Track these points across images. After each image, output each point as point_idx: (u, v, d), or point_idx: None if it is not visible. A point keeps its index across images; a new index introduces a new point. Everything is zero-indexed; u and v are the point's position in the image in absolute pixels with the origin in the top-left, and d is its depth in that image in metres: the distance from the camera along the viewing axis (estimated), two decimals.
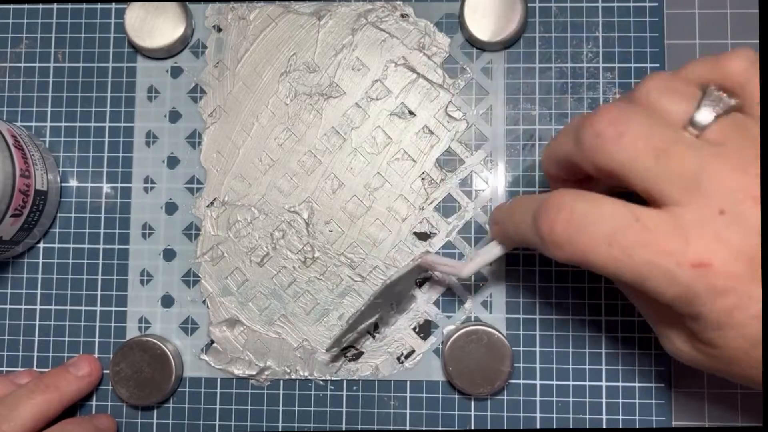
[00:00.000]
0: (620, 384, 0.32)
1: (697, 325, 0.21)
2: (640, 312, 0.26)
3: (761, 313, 0.20)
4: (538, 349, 0.33)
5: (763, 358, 0.19)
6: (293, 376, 0.33)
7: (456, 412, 0.33)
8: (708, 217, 0.20)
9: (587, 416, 0.32)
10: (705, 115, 0.21)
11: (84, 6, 0.35)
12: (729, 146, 0.20)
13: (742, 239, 0.20)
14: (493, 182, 0.34)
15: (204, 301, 0.34)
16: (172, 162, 0.35)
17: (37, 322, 0.34)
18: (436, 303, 0.33)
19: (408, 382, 0.33)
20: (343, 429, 0.33)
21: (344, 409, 0.33)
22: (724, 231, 0.20)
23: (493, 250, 0.28)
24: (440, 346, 0.33)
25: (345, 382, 0.33)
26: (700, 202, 0.20)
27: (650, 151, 0.20)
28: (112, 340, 0.34)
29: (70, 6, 0.35)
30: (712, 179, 0.20)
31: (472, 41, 0.34)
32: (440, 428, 0.33)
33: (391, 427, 0.33)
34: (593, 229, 0.21)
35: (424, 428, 0.33)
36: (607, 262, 0.21)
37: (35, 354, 0.34)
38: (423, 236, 0.34)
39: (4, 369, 0.34)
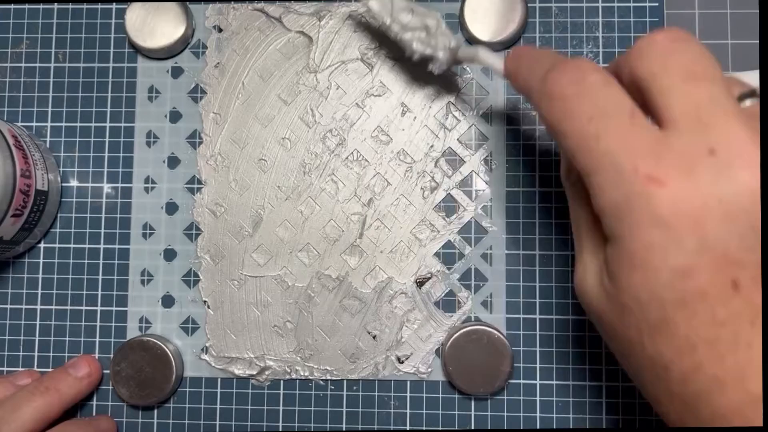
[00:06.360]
0: (620, 384, 0.32)
1: (613, 252, 0.20)
2: (572, 229, 0.24)
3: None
4: (538, 349, 0.33)
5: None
6: (293, 376, 0.33)
7: (456, 412, 0.33)
8: (695, 149, 0.19)
9: (587, 416, 0.32)
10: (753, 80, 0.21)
11: (84, 6, 0.35)
12: (757, 119, 0.20)
13: (711, 187, 0.19)
14: (493, 182, 0.34)
15: (204, 301, 0.34)
16: (173, 162, 0.35)
17: (38, 322, 0.34)
18: (437, 303, 0.33)
19: (408, 382, 0.33)
20: (343, 429, 0.33)
21: (344, 409, 0.33)
22: (700, 169, 0.19)
23: (496, 62, 0.28)
24: (440, 346, 0.33)
25: (345, 382, 0.33)
26: (697, 135, 0.19)
27: (684, 74, 0.20)
28: (112, 340, 0.34)
29: (70, 6, 0.35)
30: (722, 125, 0.19)
31: (472, 41, 0.34)
32: (440, 428, 0.33)
33: (391, 427, 0.33)
34: (589, 100, 0.21)
35: (424, 428, 0.33)
36: (576, 135, 0.21)
37: (35, 354, 0.34)
38: (423, 236, 0.34)
39: (5, 369, 0.34)
